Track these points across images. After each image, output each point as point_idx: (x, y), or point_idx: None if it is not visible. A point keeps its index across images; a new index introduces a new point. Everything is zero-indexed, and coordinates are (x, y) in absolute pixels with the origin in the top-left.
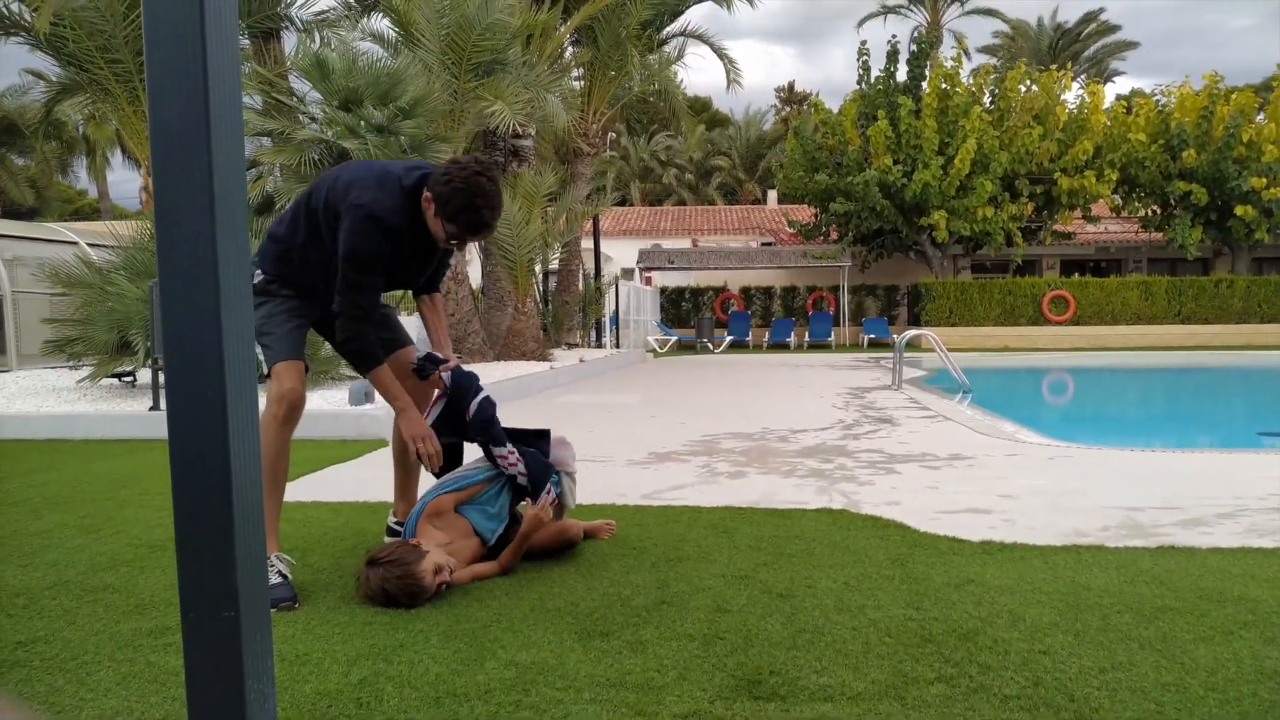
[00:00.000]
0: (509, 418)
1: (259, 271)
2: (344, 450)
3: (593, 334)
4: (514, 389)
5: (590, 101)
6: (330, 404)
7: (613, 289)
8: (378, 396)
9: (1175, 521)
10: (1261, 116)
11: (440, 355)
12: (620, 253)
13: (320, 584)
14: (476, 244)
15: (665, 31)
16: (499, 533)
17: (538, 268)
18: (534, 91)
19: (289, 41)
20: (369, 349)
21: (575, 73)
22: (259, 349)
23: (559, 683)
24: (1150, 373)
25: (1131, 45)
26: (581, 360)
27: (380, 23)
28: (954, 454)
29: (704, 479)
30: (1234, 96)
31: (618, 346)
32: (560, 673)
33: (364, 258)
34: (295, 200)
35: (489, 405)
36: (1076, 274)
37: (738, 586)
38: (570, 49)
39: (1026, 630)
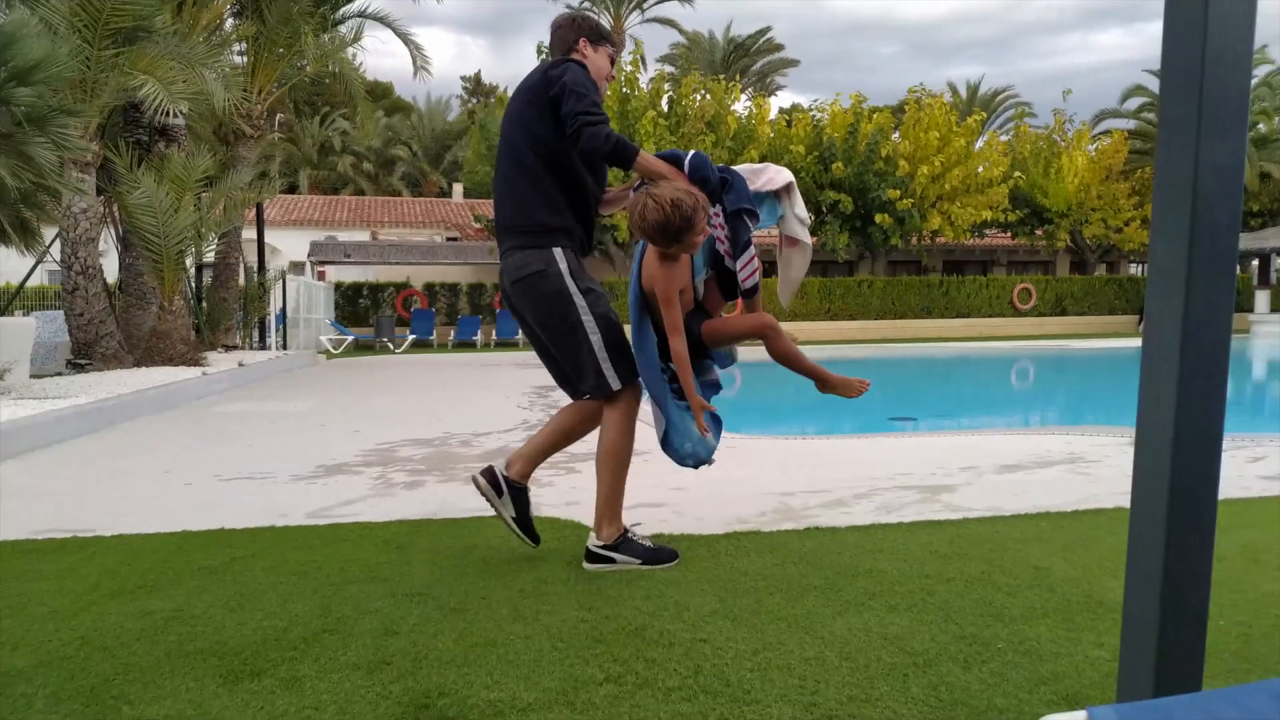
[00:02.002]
0: (149, 430)
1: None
2: None
3: (255, 334)
4: (159, 399)
5: (255, 80)
6: None
7: (279, 284)
8: None
9: (821, 503)
10: (897, 135)
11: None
12: (289, 245)
13: None
14: (113, 233)
15: (342, 11)
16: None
17: (189, 261)
18: (187, 65)
19: None
20: (620, 140)
21: (237, 47)
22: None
23: None
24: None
25: (793, 63)
26: (241, 364)
27: None
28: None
29: (378, 491)
30: (875, 116)
31: (285, 348)
32: None
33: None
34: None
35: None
36: None
37: (409, 605)
38: (231, 21)
39: (690, 620)
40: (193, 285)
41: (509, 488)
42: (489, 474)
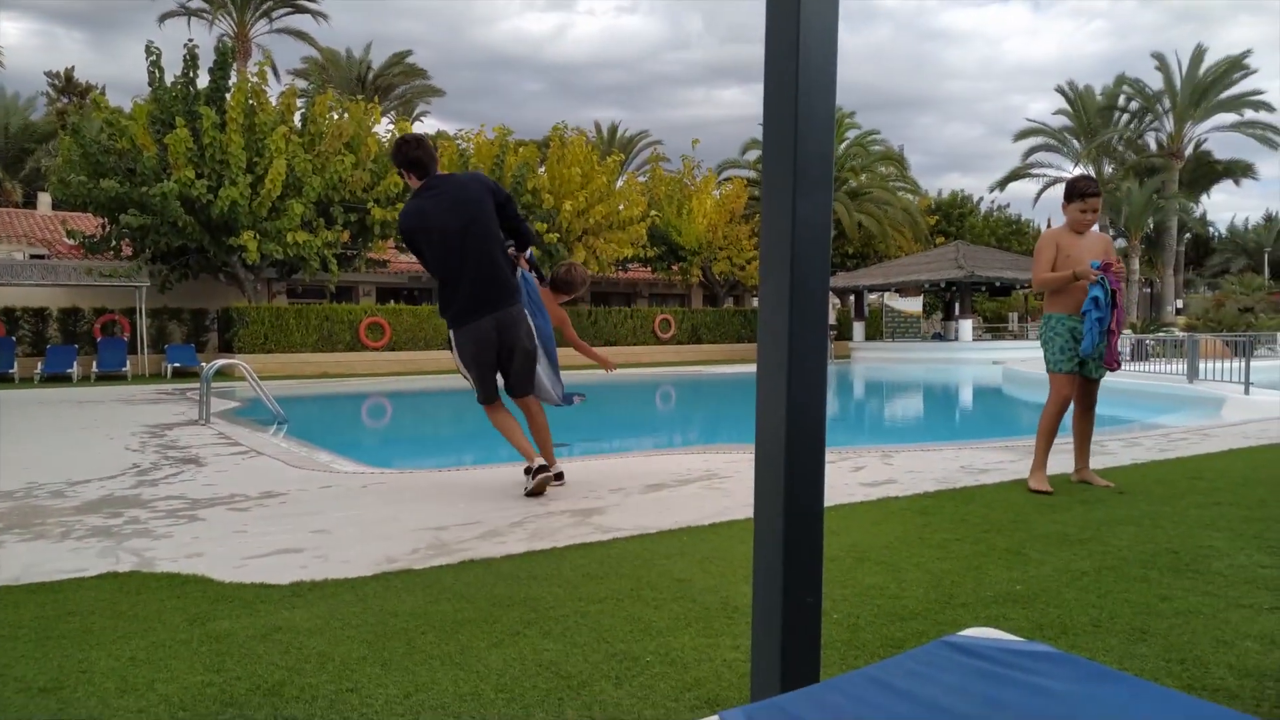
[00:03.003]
0: None
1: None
2: None
3: None
4: None
5: None
6: None
7: None
8: None
9: (476, 535)
10: (542, 169)
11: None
12: None
13: None
14: None
15: None
16: None
17: None
18: None
19: None
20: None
21: None
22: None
23: None
24: (457, 394)
25: (438, 92)
26: None
27: None
28: (265, 491)
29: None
30: (520, 149)
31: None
32: None
33: None
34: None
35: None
36: (392, 301)
37: None
38: None
39: (335, 670)
40: None
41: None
42: (542, 470)
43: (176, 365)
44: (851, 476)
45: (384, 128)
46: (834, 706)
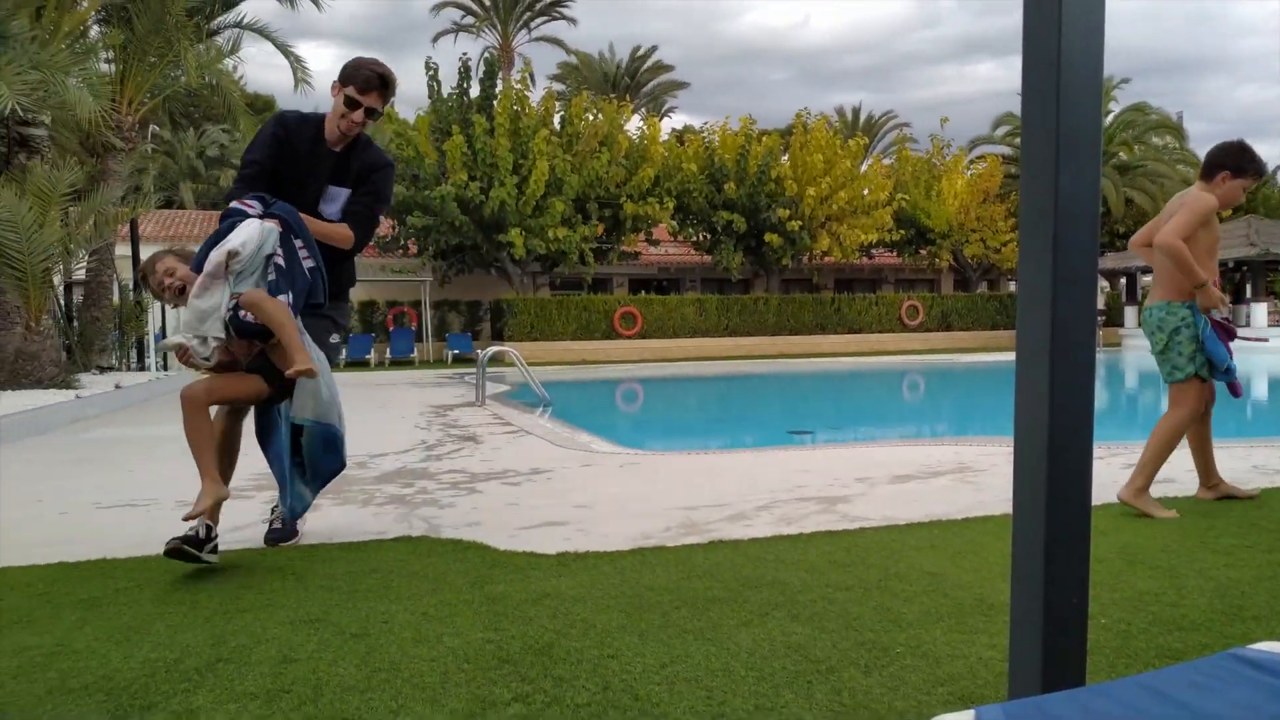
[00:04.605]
0: (17, 457)
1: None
2: None
3: (134, 355)
4: (27, 423)
5: (124, 90)
6: None
7: (157, 303)
8: None
9: (723, 517)
10: (785, 158)
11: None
12: None
13: None
14: None
15: (217, 21)
16: None
17: (57, 279)
18: (47, 72)
19: None
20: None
21: (106, 55)
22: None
23: None
24: (705, 381)
25: (683, 85)
26: (118, 386)
27: None
28: (534, 468)
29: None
30: (764, 139)
31: (165, 369)
32: None
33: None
34: None
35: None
36: (643, 291)
37: (307, 632)
38: (97, 28)
39: (597, 636)
40: (61, 304)
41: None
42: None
43: (456, 352)
44: (1123, 474)
45: (634, 125)
46: (1100, 712)
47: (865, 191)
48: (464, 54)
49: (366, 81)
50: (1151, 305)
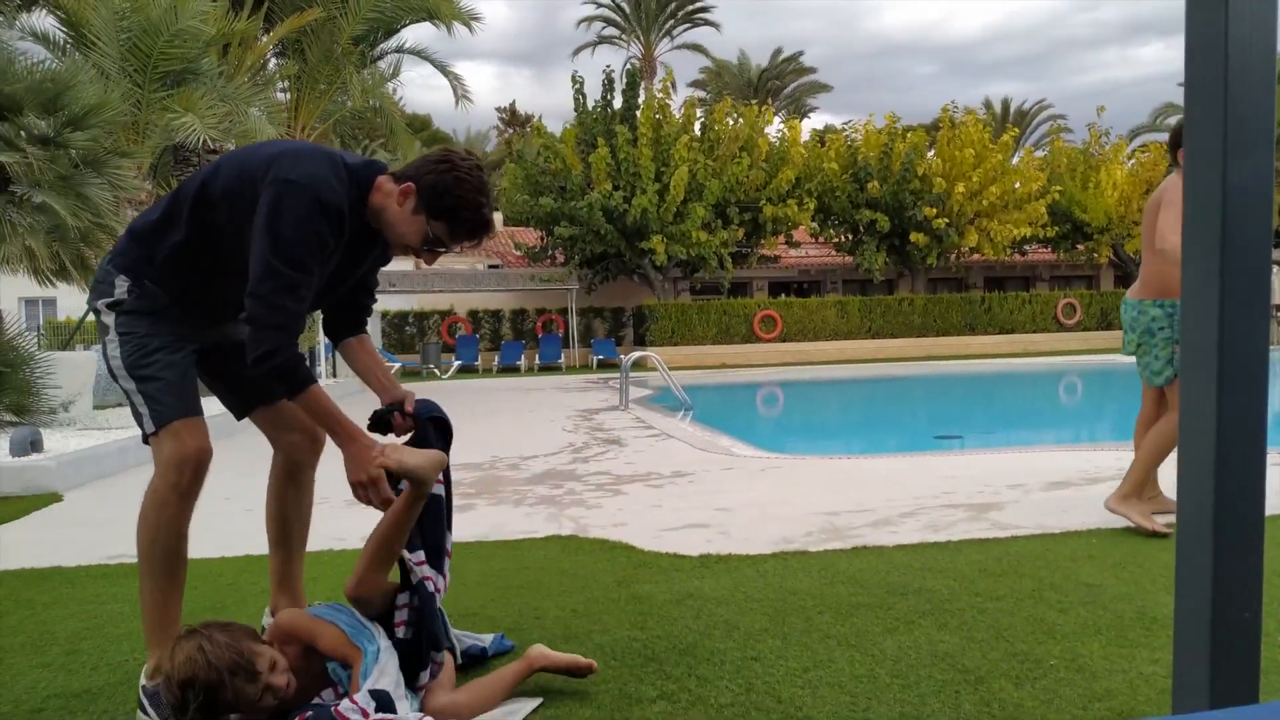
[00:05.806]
0: (215, 456)
1: (123, 281)
2: (4, 509)
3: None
4: (220, 427)
5: (298, 116)
6: None
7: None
8: (45, 444)
9: (867, 523)
10: (932, 153)
11: (399, 400)
12: None
13: None
14: None
15: (380, 48)
16: None
17: None
18: (232, 104)
19: None
20: (296, 366)
21: (281, 85)
22: (138, 398)
23: None
24: (847, 384)
25: (826, 88)
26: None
27: (44, 20)
28: (676, 471)
29: None
30: (909, 135)
31: (334, 375)
32: None
33: (298, 246)
34: (172, 191)
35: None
36: (782, 295)
37: (463, 626)
38: (275, 60)
39: (740, 638)
40: None
41: None
42: None
43: (600, 357)
44: None
45: (774, 128)
46: None
47: (1017, 185)
48: (607, 66)
49: (469, 233)
50: (1126, 300)
